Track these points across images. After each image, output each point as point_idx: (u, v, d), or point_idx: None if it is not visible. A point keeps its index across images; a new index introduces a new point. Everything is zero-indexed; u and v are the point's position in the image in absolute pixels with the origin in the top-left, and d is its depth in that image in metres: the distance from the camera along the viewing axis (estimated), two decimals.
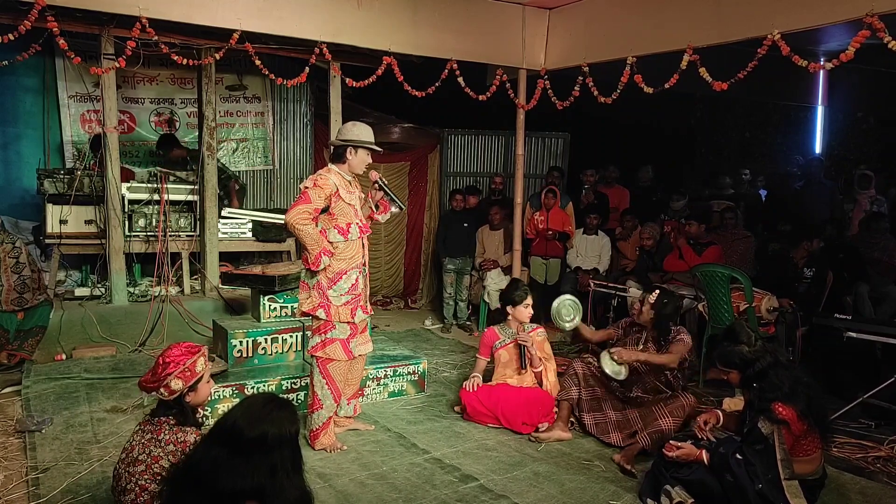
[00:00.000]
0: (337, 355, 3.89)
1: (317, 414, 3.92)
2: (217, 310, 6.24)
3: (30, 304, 5.24)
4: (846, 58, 4.06)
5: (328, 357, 3.89)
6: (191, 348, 2.78)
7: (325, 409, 3.92)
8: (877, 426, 4.40)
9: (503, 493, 3.44)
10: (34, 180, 6.51)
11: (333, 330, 3.87)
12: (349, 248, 3.88)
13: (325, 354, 3.89)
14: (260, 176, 8.28)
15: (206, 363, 2.80)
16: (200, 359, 2.76)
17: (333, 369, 3.91)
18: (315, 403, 3.93)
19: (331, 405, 3.94)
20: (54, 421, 4.19)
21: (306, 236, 3.74)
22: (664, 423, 3.89)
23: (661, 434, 3.80)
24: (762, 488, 2.99)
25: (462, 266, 7.05)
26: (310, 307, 3.88)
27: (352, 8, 5.56)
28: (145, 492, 2.53)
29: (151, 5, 4.87)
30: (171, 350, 2.75)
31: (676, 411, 3.92)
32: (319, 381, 3.92)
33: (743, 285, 5.13)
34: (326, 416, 3.93)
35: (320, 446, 3.91)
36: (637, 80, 5.22)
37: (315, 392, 3.93)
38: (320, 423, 3.92)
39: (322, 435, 3.92)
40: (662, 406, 3.97)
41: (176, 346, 2.79)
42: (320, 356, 3.90)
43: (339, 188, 3.85)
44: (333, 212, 3.85)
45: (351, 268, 3.88)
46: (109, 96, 5.88)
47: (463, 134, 8.51)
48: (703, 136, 11.33)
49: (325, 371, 3.90)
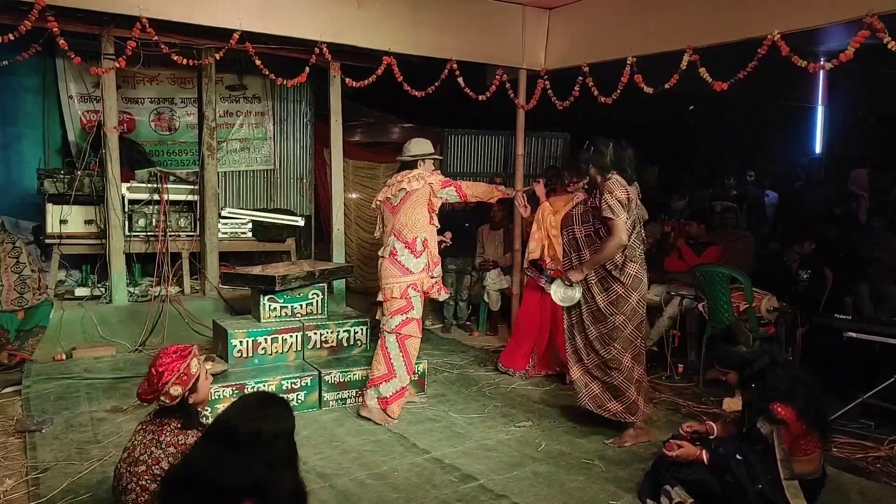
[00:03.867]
0: (415, 332, 4.49)
1: (392, 382, 4.42)
2: (217, 310, 6.24)
3: (30, 304, 5.25)
4: (846, 58, 4.06)
5: (408, 334, 4.45)
6: (181, 352, 2.72)
7: (398, 378, 4.43)
8: (877, 426, 4.40)
9: (503, 493, 3.44)
10: (34, 180, 6.51)
11: (412, 310, 4.45)
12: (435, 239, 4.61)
13: (407, 332, 4.45)
14: (260, 176, 8.28)
15: (199, 362, 2.76)
16: (193, 360, 2.72)
17: (410, 345, 4.49)
18: (390, 372, 4.43)
19: (404, 376, 4.46)
20: (54, 421, 4.19)
21: (486, 189, 4.74)
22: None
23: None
24: (762, 488, 2.99)
25: (462, 266, 7.05)
26: (400, 291, 4.45)
27: (352, 8, 5.56)
28: (146, 492, 2.52)
29: (151, 5, 4.87)
30: (162, 358, 2.67)
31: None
32: (397, 355, 4.45)
33: (743, 285, 5.13)
34: (400, 385, 4.44)
35: (392, 413, 4.41)
36: (637, 80, 5.22)
37: (391, 363, 4.43)
38: (393, 391, 4.43)
39: (395, 403, 4.43)
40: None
41: (164, 352, 2.71)
42: (403, 333, 4.45)
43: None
44: (434, 207, 4.54)
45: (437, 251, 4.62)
46: (109, 96, 5.88)
47: (463, 134, 8.51)
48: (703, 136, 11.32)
49: (403, 346, 4.46)
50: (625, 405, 4.08)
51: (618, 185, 3.96)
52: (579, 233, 4.16)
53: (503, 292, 6.89)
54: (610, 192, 3.94)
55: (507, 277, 6.83)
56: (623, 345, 4.03)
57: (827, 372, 4.73)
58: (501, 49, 6.25)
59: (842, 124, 10.80)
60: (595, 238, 4.08)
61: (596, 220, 4.06)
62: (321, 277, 5.19)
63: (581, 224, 4.16)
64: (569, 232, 4.23)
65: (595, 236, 4.08)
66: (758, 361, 3.23)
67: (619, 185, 3.97)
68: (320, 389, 4.65)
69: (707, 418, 4.20)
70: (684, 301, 5.62)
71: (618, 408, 4.10)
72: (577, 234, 4.16)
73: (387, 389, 4.42)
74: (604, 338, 4.07)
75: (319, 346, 5.02)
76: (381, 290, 4.54)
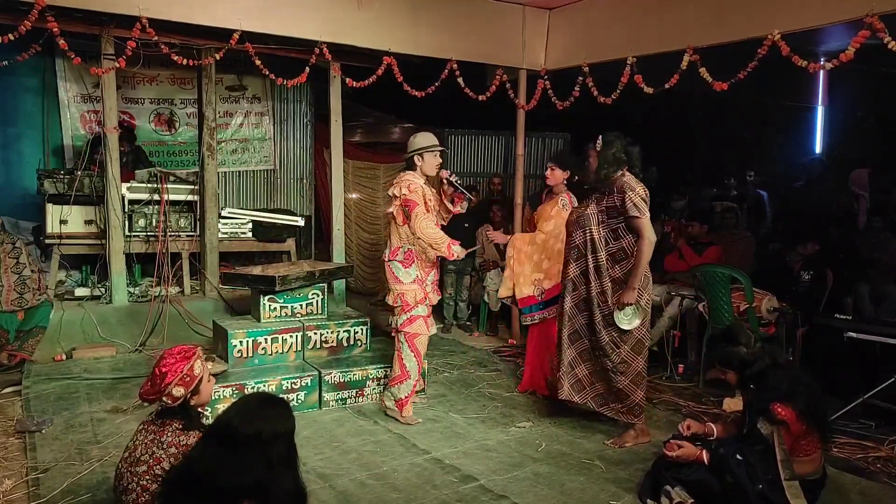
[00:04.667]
0: (422, 330, 4.45)
1: (406, 384, 4.45)
2: (217, 310, 6.24)
3: (30, 304, 5.24)
4: (846, 58, 4.06)
5: (415, 332, 4.43)
6: (185, 353, 2.71)
7: (412, 378, 4.45)
8: (877, 426, 4.40)
9: (503, 494, 3.44)
10: (34, 180, 6.51)
11: (416, 308, 4.41)
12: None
13: (413, 330, 4.43)
14: (260, 176, 8.29)
15: (203, 364, 2.77)
16: (197, 362, 2.71)
17: (419, 343, 4.46)
18: (403, 374, 4.45)
19: (415, 375, 4.48)
20: (54, 421, 4.19)
21: (434, 237, 4.26)
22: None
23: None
24: (762, 489, 2.99)
25: (462, 266, 7.04)
26: (394, 297, 4.46)
27: (352, 8, 5.56)
28: (147, 492, 2.52)
29: (151, 5, 4.87)
30: (166, 359, 2.67)
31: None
32: (408, 355, 4.45)
33: (743, 285, 5.13)
34: (411, 387, 4.47)
35: (406, 414, 4.44)
36: (637, 80, 5.22)
37: (404, 364, 4.45)
38: (407, 393, 4.45)
39: (408, 404, 4.47)
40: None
41: (168, 353, 2.71)
42: (408, 331, 4.43)
43: (424, 189, 4.39)
44: (428, 208, 4.39)
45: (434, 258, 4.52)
46: (109, 96, 5.88)
47: (463, 134, 8.51)
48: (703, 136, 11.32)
49: (412, 345, 4.44)
50: (628, 407, 4.09)
51: (637, 182, 3.93)
52: (597, 233, 4.02)
53: None
54: (632, 190, 3.87)
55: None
56: (632, 346, 4.02)
57: (827, 372, 4.73)
58: (501, 49, 6.25)
59: (842, 124, 10.78)
60: (612, 238, 3.99)
61: (613, 220, 3.96)
62: (321, 277, 5.19)
63: (598, 224, 4.02)
64: (584, 233, 4.06)
65: (612, 236, 3.99)
66: (758, 362, 3.23)
67: (638, 181, 3.93)
68: (320, 389, 4.65)
69: (707, 418, 4.20)
70: (685, 301, 5.61)
71: (621, 409, 4.10)
72: (595, 235, 4.02)
73: (400, 391, 4.46)
74: (615, 341, 4.02)
75: (319, 347, 5.02)
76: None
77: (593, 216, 4.04)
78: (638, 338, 4.02)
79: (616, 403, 4.11)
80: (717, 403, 4.82)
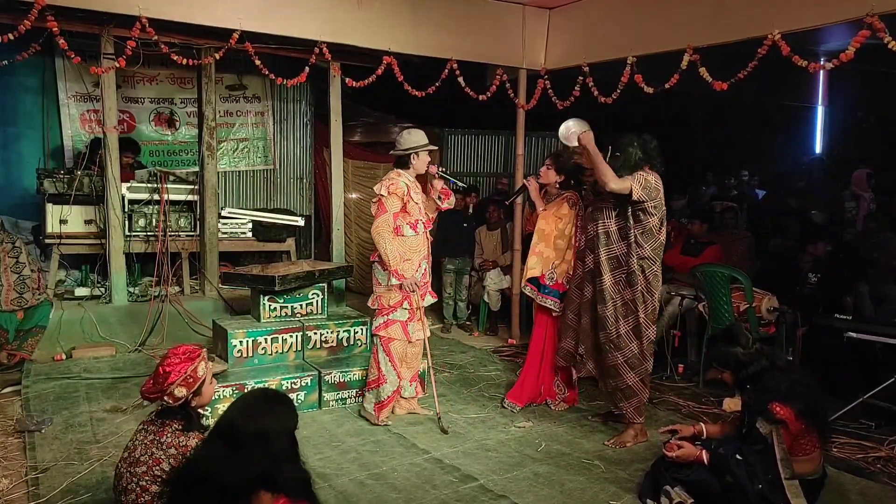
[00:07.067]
0: (397, 335, 4.37)
1: (383, 388, 4.39)
2: (217, 309, 6.24)
3: (30, 303, 5.24)
4: (846, 58, 4.06)
5: (390, 336, 4.37)
6: (189, 353, 2.70)
7: (390, 383, 4.40)
8: (877, 426, 4.40)
9: (503, 494, 3.44)
10: (34, 180, 6.51)
11: (394, 312, 4.34)
12: (418, 241, 4.37)
13: (388, 334, 4.36)
14: (260, 176, 8.28)
15: (206, 366, 2.77)
16: (201, 363, 2.71)
17: (394, 348, 4.40)
18: (380, 378, 4.39)
19: (394, 380, 4.41)
20: (54, 421, 4.19)
21: (387, 251, 4.21)
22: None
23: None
24: (762, 488, 2.99)
25: (461, 266, 7.05)
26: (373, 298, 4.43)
27: (352, 8, 5.56)
28: (146, 492, 2.52)
29: (151, 5, 4.87)
30: (170, 358, 2.67)
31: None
32: (384, 359, 4.40)
33: (743, 285, 5.13)
34: (391, 391, 4.41)
35: (383, 416, 4.40)
36: (637, 80, 5.22)
37: (380, 368, 4.39)
38: (386, 396, 4.40)
39: (387, 407, 4.42)
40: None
41: (173, 352, 2.70)
42: (382, 335, 4.37)
43: (409, 189, 4.32)
44: (408, 210, 4.31)
45: (420, 259, 4.38)
46: (109, 96, 5.88)
47: (463, 134, 8.51)
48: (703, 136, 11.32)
49: (387, 349, 4.39)
50: (634, 406, 4.13)
51: (651, 173, 3.98)
52: (611, 226, 4.09)
53: (503, 292, 6.89)
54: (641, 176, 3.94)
55: (507, 277, 6.82)
56: (643, 342, 4.07)
57: (827, 372, 4.73)
58: (501, 49, 6.25)
59: (842, 124, 10.79)
60: (627, 231, 4.03)
61: (627, 210, 4.01)
62: (321, 277, 5.19)
63: (614, 218, 4.08)
64: (601, 225, 4.11)
65: (625, 229, 4.04)
66: (754, 364, 3.24)
67: (652, 173, 3.99)
68: (320, 389, 4.65)
69: (707, 419, 4.21)
70: (684, 301, 5.61)
71: (628, 408, 4.14)
72: (609, 228, 4.09)
73: (381, 394, 4.41)
74: (627, 335, 4.08)
75: (319, 346, 5.02)
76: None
77: (608, 210, 4.12)
78: (645, 332, 4.06)
79: (623, 402, 4.16)
80: (716, 403, 4.82)
